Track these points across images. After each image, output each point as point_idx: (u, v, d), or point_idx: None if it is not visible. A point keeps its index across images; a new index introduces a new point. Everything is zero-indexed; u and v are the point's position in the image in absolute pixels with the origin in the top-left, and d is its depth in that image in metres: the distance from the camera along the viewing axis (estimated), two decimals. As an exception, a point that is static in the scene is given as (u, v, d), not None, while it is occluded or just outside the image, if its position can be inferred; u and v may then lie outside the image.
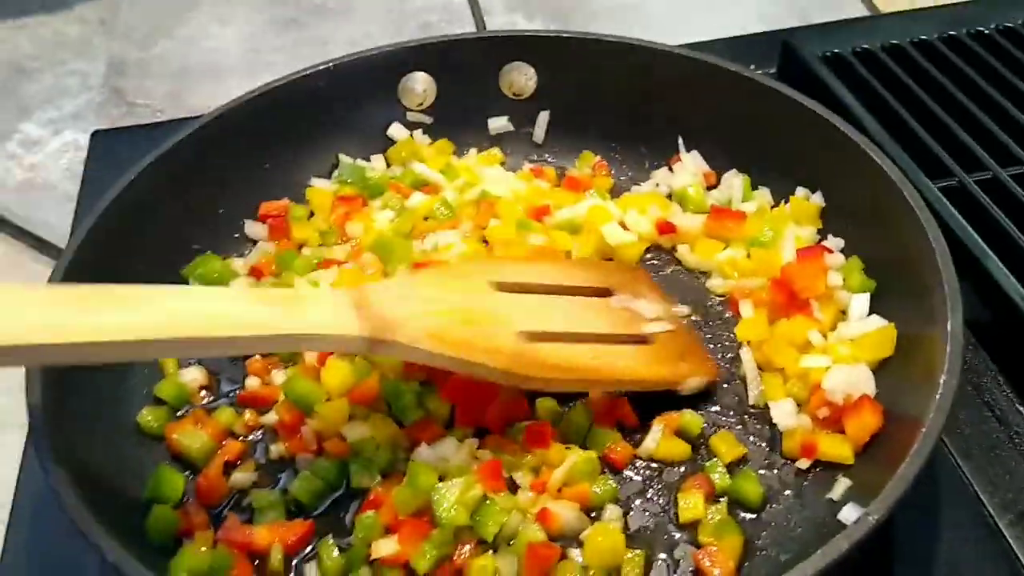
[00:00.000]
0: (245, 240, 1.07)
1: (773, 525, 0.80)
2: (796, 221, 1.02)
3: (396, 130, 1.15)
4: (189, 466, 0.86)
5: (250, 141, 1.06)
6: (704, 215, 1.04)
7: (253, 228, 1.07)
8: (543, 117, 1.17)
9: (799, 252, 0.97)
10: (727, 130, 1.08)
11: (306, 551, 0.80)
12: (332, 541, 0.79)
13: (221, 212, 1.06)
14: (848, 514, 0.75)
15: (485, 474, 0.80)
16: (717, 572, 0.76)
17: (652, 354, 0.90)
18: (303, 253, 1.04)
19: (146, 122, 1.38)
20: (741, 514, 0.81)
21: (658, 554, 0.79)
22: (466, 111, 1.16)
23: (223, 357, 0.95)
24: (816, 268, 0.94)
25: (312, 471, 0.84)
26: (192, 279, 0.99)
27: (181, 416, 0.90)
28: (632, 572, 0.77)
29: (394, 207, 1.08)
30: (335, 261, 1.02)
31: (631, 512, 0.82)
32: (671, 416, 0.87)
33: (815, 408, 0.85)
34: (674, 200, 1.09)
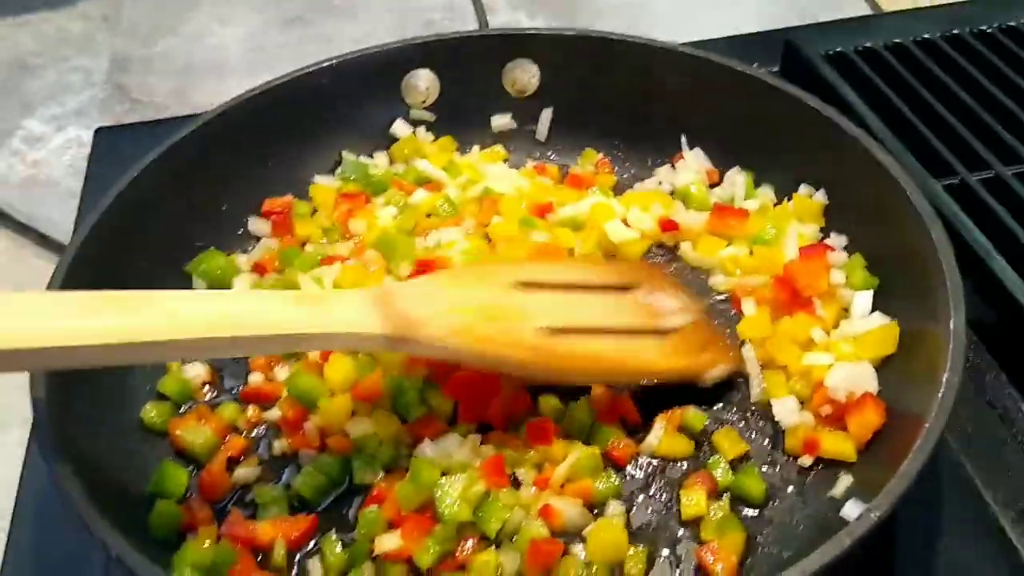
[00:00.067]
0: (248, 236, 1.07)
1: (775, 522, 0.81)
2: (799, 219, 1.02)
3: (399, 127, 1.15)
4: (192, 461, 0.86)
5: (253, 138, 1.06)
6: (707, 213, 1.04)
7: (256, 224, 1.07)
8: (546, 114, 1.17)
9: (802, 250, 0.97)
10: (730, 128, 1.08)
11: (309, 546, 0.80)
12: (335, 536, 0.79)
13: (224, 209, 1.06)
14: (850, 511, 0.75)
15: (488, 470, 0.80)
16: (719, 568, 0.76)
17: (676, 345, 0.90)
18: (306, 249, 1.04)
19: (150, 119, 1.38)
20: (743, 511, 0.81)
21: (661, 550, 0.79)
22: (469, 108, 1.16)
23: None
24: (819, 266, 0.94)
25: (315, 467, 0.84)
26: (196, 275, 0.99)
27: (184, 412, 0.91)
28: (635, 568, 0.77)
29: (397, 204, 1.08)
30: (338, 257, 1.02)
31: (634, 508, 0.82)
32: (674, 413, 0.87)
33: (817, 405, 0.85)
34: (677, 198, 1.08)
